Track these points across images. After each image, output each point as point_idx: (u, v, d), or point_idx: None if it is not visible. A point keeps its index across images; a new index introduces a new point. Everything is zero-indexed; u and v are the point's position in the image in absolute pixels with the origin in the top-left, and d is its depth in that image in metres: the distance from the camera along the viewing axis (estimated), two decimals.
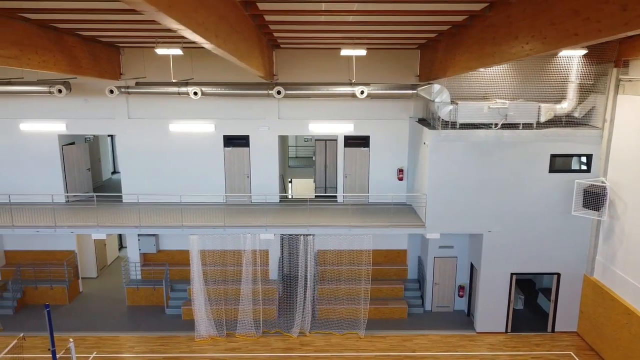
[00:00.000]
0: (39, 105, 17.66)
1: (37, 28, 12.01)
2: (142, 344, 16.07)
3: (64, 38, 13.29)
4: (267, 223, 15.95)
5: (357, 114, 17.90)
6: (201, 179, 18.23)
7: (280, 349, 15.82)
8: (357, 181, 18.40)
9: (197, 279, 16.13)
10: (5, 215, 16.54)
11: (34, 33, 11.89)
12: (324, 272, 18.46)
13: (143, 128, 17.80)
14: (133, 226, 15.78)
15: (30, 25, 11.69)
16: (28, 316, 17.74)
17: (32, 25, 11.80)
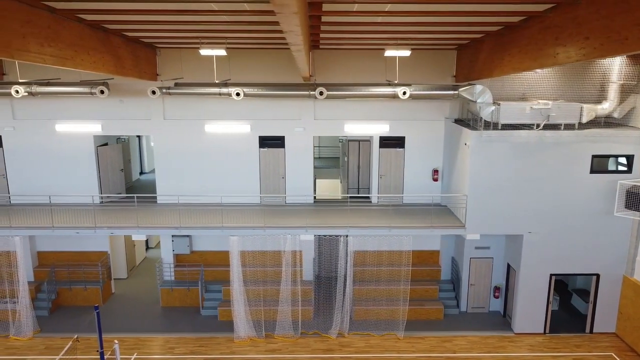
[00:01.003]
0: (74, 106, 17.65)
1: (89, 29, 12.01)
2: (181, 345, 16.05)
3: (110, 39, 13.29)
4: (308, 224, 15.92)
5: (393, 114, 17.88)
6: (236, 180, 18.21)
7: (320, 350, 15.79)
8: (391, 182, 18.37)
9: (236, 280, 16.10)
10: (44, 216, 16.52)
11: (86, 34, 11.89)
12: (358, 273, 18.41)
13: (179, 129, 17.79)
14: (173, 227, 15.76)
15: (83, 26, 11.68)
16: (63, 317, 17.71)
17: (85, 26, 11.79)
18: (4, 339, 16.35)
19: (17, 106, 17.62)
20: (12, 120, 17.64)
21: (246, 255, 17.93)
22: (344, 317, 16.62)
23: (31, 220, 16.23)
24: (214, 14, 10.31)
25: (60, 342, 16.14)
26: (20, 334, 16.34)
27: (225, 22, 11.42)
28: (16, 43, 9.13)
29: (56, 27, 10.54)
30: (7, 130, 17.68)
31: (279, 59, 17.27)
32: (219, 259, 18.98)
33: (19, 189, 18.14)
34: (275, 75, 17.31)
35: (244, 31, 12.75)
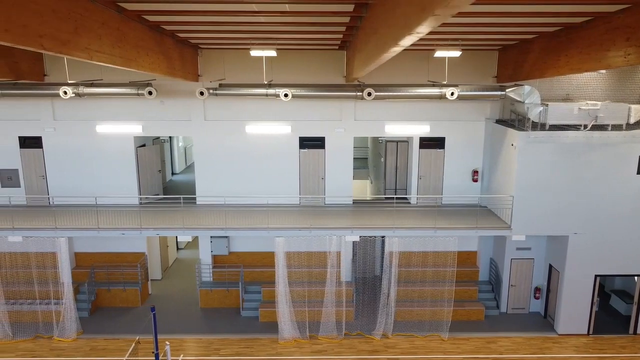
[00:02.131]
0: (114, 108, 17.62)
1: (148, 30, 11.99)
2: (226, 346, 16.02)
3: (164, 40, 13.27)
4: (353, 225, 15.90)
5: (433, 115, 17.86)
6: (276, 181, 18.19)
7: (366, 351, 15.76)
8: (431, 182, 18.34)
9: (281, 281, 16.07)
10: (87, 217, 16.49)
11: (146, 35, 11.88)
12: (401, 274, 18.36)
13: (219, 130, 17.76)
14: (219, 228, 15.73)
15: (144, 27, 11.67)
16: (103, 318, 17.68)
17: (145, 27, 11.78)
18: (47, 340, 16.33)
19: (58, 107, 17.60)
20: (53, 121, 17.62)
21: (288, 257, 17.87)
22: (388, 318, 16.59)
23: (74, 221, 16.20)
24: (266, 15, 10.31)
25: (104, 343, 16.12)
26: (64, 335, 16.32)
27: (273, 23, 11.40)
28: (95, 44, 9.12)
29: (124, 29, 10.52)
30: (48, 131, 17.65)
31: (319, 59, 17.26)
32: (256, 260, 18.96)
33: (58, 189, 18.11)
34: (315, 76, 17.28)
35: (287, 32, 12.72)
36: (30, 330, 16.66)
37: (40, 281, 17.99)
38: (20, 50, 15.72)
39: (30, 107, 17.56)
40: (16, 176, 17.99)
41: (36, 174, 17.99)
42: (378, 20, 8.29)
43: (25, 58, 16.09)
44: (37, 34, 7.29)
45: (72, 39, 8.24)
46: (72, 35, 8.24)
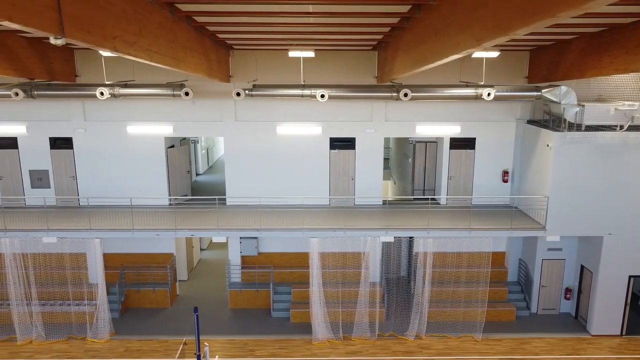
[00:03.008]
0: (145, 108, 17.61)
1: (193, 31, 11.99)
2: (260, 347, 16.00)
3: (204, 41, 13.27)
4: (387, 226, 15.89)
5: (463, 115, 17.84)
6: (306, 182, 18.17)
7: (400, 352, 15.74)
8: (461, 183, 18.32)
9: (315, 282, 16.05)
10: (119, 218, 16.48)
11: (191, 36, 11.87)
12: (433, 275, 18.32)
13: (250, 130, 17.75)
14: (254, 228, 15.72)
15: (190, 28, 11.66)
16: (134, 319, 17.66)
17: (191, 28, 11.78)
18: (80, 341, 16.31)
19: (89, 108, 17.59)
20: (84, 122, 17.60)
21: (320, 257, 17.85)
22: (421, 319, 16.57)
23: (106, 222, 16.18)
24: (305, 16, 10.31)
25: (138, 345, 16.10)
26: (97, 336, 16.30)
27: (317, 24, 11.38)
28: (154, 45, 9.12)
29: (175, 30, 10.51)
30: (79, 132, 17.64)
31: (349, 59, 17.25)
32: (285, 261, 18.94)
33: (87, 190, 18.09)
34: (346, 77, 17.28)
35: (326, 33, 12.70)
36: (63, 331, 16.64)
37: (70, 282, 17.97)
38: (55, 51, 15.72)
39: (61, 107, 17.55)
40: (46, 177, 17.97)
41: (66, 174, 17.97)
42: (444, 21, 8.25)
43: (58, 59, 16.08)
44: (112, 35, 7.29)
45: (137, 41, 8.23)
46: (137, 37, 8.23)
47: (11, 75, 13.37)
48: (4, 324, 16.69)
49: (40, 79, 15.02)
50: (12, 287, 16.00)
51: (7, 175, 17.95)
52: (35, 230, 15.56)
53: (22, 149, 17.81)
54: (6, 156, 17.83)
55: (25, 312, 16.27)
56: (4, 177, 17.95)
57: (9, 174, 17.94)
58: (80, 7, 6.29)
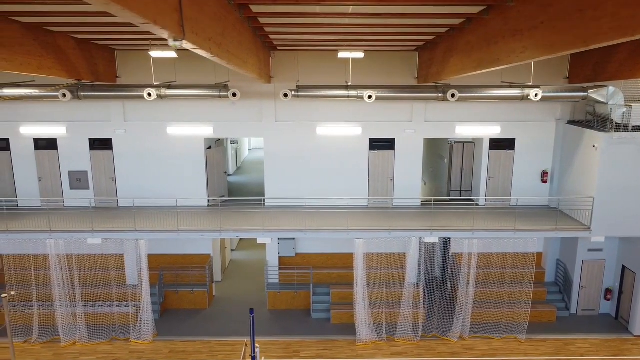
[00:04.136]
0: (185, 109, 17.59)
1: (252, 32, 11.97)
2: (304, 348, 15.98)
3: (256, 41, 13.25)
4: (431, 227, 15.87)
5: (502, 116, 17.81)
6: (345, 182, 18.14)
7: (446, 353, 15.72)
8: (500, 183, 18.30)
9: (360, 283, 16.03)
10: (164, 219, 16.45)
11: (251, 38, 11.87)
12: (469, 275, 18.30)
13: (290, 131, 17.73)
14: (299, 229, 15.70)
15: (250, 29, 11.64)
16: (174, 320, 17.65)
17: (250, 29, 11.76)
18: (123, 342, 16.30)
19: (129, 109, 17.58)
20: (124, 123, 17.59)
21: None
22: (465, 320, 16.53)
23: (148, 223, 16.14)
24: (353, 17, 10.33)
25: (182, 346, 16.08)
26: (140, 337, 16.28)
27: (361, 25, 11.38)
28: (232, 47, 9.12)
29: (242, 31, 10.51)
30: (119, 133, 17.63)
31: (391, 60, 17.23)
32: (321, 262, 18.92)
33: (126, 191, 18.08)
34: (387, 77, 17.26)
35: (377, 34, 12.71)
36: (106, 333, 16.63)
37: (109, 283, 17.96)
38: (99, 52, 15.71)
39: (102, 109, 17.54)
40: (85, 178, 17.96)
41: (105, 175, 17.95)
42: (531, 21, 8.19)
43: (102, 60, 16.08)
44: (208, 37, 7.29)
45: (222, 42, 8.24)
46: (222, 38, 8.24)
47: (62, 76, 13.37)
48: (47, 325, 16.66)
49: (86, 80, 15.02)
50: (56, 289, 15.98)
51: (47, 177, 17.94)
52: (80, 232, 15.55)
53: (61, 150, 17.80)
54: (46, 157, 17.82)
55: (69, 313, 16.25)
56: (43, 178, 17.94)
57: (48, 175, 17.93)
58: (193, 9, 6.29)
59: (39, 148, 17.79)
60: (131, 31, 12.45)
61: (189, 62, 17.02)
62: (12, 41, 11.15)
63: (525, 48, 8.41)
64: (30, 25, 11.68)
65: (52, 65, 12.94)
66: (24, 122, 17.55)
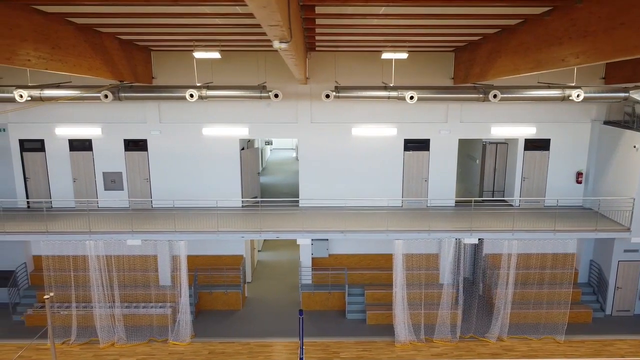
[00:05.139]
0: (220, 110, 17.58)
1: (303, 34, 11.94)
2: (343, 349, 15.95)
3: (304, 43, 13.23)
4: (472, 227, 15.84)
5: (537, 116, 17.80)
6: (379, 183, 18.13)
7: (486, 354, 15.69)
8: (534, 184, 18.27)
9: (399, 284, 16.00)
10: (201, 220, 16.44)
11: (300, 40, 11.83)
12: (502, 276, 18.28)
13: (325, 132, 17.72)
14: (338, 230, 15.68)
15: (302, 32, 11.62)
16: (208, 321, 17.62)
17: (302, 31, 11.73)
18: (162, 343, 16.28)
19: (164, 110, 17.57)
20: (159, 124, 17.58)
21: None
22: (504, 321, 16.50)
23: (185, 224, 16.14)
24: (404, 18, 10.35)
25: (221, 347, 16.06)
26: (179, 338, 16.26)
27: (409, 26, 11.37)
28: (296, 50, 9.08)
29: (298, 33, 10.49)
30: (154, 134, 17.61)
31: (426, 61, 17.20)
32: (354, 262, 18.91)
33: (160, 192, 18.08)
34: (422, 78, 17.24)
35: (421, 34, 12.70)
36: (143, 334, 16.61)
37: (144, 284, 17.95)
38: (138, 53, 15.70)
39: (137, 110, 17.54)
40: (120, 179, 17.95)
41: (140, 176, 17.94)
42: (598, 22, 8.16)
43: (141, 61, 16.07)
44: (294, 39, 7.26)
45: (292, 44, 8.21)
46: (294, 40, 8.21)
47: (108, 77, 13.37)
48: (85, 327, 16.65)
49: (128, 80, 15.02)
50: (95, 290, 15.97)
51: (81, 178, 17.94)
52: (120, 233, 15.53)
53: (96, 151, 17.80)
54: (80, 158, 17.81)
55: (107, 315, 16.24)
56: (77, 179, 17.93)
57: (82, 176, 17.93)
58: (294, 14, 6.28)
59: (73, 149, 17.78)
60: (176, 32, 12.44)
61: (224, 63, 17.00)
62: (66, 42, 11.15)
63: (598, 49, 8.37)
64: (83, 27, 11.68)
65: (100, 66, 12.94)
66: (59, 123, 17.54)
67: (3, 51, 8.75)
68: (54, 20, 10.42)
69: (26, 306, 17.76)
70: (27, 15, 9.50)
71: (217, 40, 13.74)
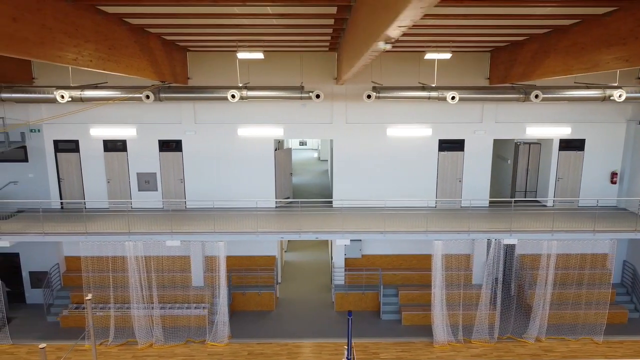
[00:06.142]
0: (256, 110, 17.55)
1: None
2: (382, 350, 15.93)
3: None
4: (511, 228, 15.81)
5: (572, 116, 17.76)
6: (413, 183, 18.11)
7: (526, 355, 15.65)
8: (569, 184, 18.24)
9: (438, 284, 15.97)
10: (242, 220, 16.41)
11: None
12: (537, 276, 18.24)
13: (360, 132, 17.69)
14: (377, 231, 15.64)
15: None
16: (242, 322, 17.60)
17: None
18: (199, 344, 16.26)
19: (199, 110, 17.54)
20: (194, 124, 17.56)
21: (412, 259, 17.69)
22: (542, 322, 16.46)
23: (223, 224, 16.11)
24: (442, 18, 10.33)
25: (259, 348, 16.04)
26: (217, 339, 16.24)
27: (453, 26, 11.34)
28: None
29: None
30: (189, 135, 17.59)
31: (461, 61, 17.18)
32: (386, 263, 18.88)
33: (194, 193, 18.05)
34: (458, 78, 17.20)
35: (464, 35, 12.67)
36: (180, 335, 16.59)
37: (177, 285, 17.94)
38: (177, 54, 15.68)
39: (172, 110, 17.51)
40: (154, 180, 17.93)
41: (174, 177, 17.93)
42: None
43: (178, 62, 16.05)
44: None
45: None
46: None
47: (153, 78, 13.35)
48: (122, 328, 16.64)
49: (168, 81, 15.01)
50: (133, 290, 15.94)
51: (115, 178, 17.92)
52: (159, 234, 15.50)
53: (130, 152, 17.77)
54: (115, 159, 17.79)
55: (145, 315, 16.21)
56: (111, 180, 17.91)
57: (116, 177, 17.91)
58: None
59: (108, 149, 17.76)
60: (220, 32, 12.42)
61: (260, 64, 16.99)
62: (120, 43, 11.13)
63: None
64: (134, 27, 11.66)
65: (146, 67, 12.92)
66: (94, 123, 17.52)
67: (70, 52, 8.74)
68: (111, 20, 10.41)
69: (60, 307, 17.74)
70: (90, 15, 9.48)
71: (256, 41, 13.72)
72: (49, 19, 8.02)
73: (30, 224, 16.19)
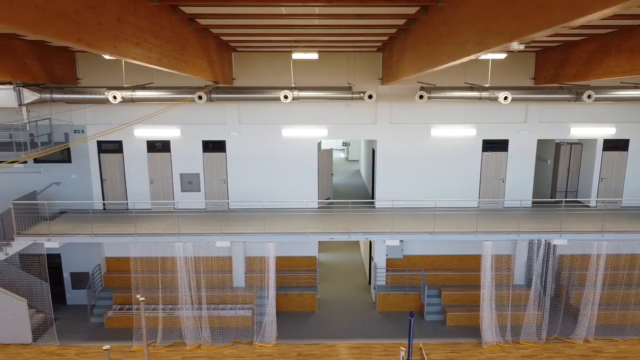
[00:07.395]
0: (300, 111, 17.52)
1: None
2: (431, 350, 15.89)
3: None
4: (561, 229, 15.77)
5: (616, 117, 17.72)
6: (456, 184, 18.08)
7: (576, 356, 15.61)
8: (612, 185, 18.19)
9: (487, 285, 15.94)
10: (292, 220, 16.38)
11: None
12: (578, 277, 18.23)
13: (404, 132, 17.67)
14: (426, 232, 15.61)
15: None
16: (287, 323, 17.56)
17: None
18: (247, 345, 16.23)
19: (244, 111, 17.52)
20: (238, 125, 17.54)
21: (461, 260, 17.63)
22: (590, 322, 16.42)
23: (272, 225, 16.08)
24: None
25: (308, 349, 16.01)
26: (264, 340, 16.21)
27: None
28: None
29: None
30: (233, 135, 17.58)
31: (505, 61, 17.14)
32: (427, 263, 18.85)
33: (237, 194, 18.04)
34: (501, 78, 17.16)
35: None
36: (228, 336, 16.57)
37: (219, 286, 17.92)
38: (225, 54, 15.66)
39: (216, 111, 17.50)
40: (197, 180, 17.91)
41: (217, 178, 17.91)
42: None
43: (226, 62, 16.03)
44: None
45: None
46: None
47: (209, 78, 13.35)
48: (170, 328, 16.62)
49: (220, 82, 14.99)
50: (181, 291, 15.92)
51: (158, 179, 17.90)
52: (209, 234, 15.48)
53: (174, 153, 17.76)
54: (158, 160, 17.78)
55: (193, 316, 16.19)
56: (155, 180, 17.90)
57: (159, 178, 17.89)
58: None
59: (151, 150, 17.74)
60: (274, 33, 12.39)
61: (305, 64, 16.97)
62: (187, 43, 11.12)
63: None
64: (198, 28, 11.65)
65: (205, 67, 12.92)
66: (138, 124, 17.50)
67: (155, 53, 8.72)
68: (181, 21, 10.39)
69: (102, 308, 17.74)
70: (168, 15, 9.47)
71: (311, 42, 13.70)
72: (142, 20, 8.02)
73: (76, 225, 16.18)
